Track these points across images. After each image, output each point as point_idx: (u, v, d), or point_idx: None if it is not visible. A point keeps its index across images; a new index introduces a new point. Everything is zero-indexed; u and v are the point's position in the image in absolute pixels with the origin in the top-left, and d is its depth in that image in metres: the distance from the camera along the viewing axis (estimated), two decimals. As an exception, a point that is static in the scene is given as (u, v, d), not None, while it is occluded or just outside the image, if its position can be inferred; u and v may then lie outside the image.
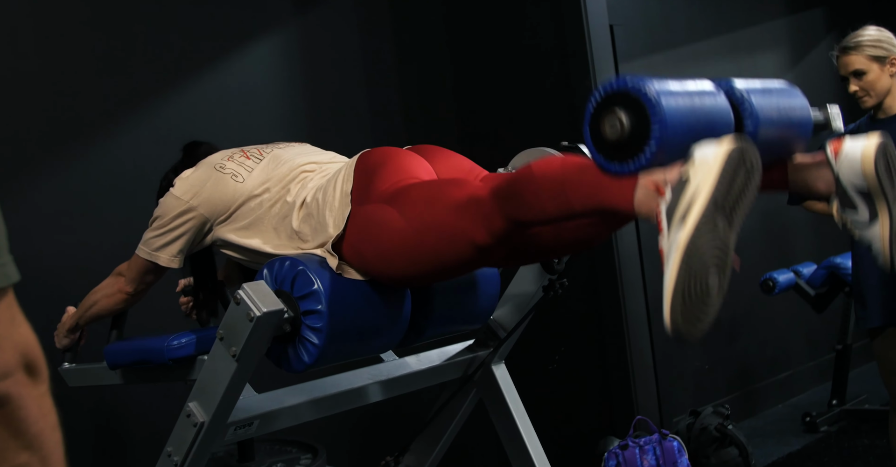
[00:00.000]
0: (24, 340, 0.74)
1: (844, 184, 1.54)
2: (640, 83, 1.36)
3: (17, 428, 0.72)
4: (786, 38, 5.24)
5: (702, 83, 1.48)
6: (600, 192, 1.44)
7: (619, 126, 1.34)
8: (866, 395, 4.48)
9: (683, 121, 1.36)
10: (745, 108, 1.51)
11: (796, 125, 1.60)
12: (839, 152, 1.54)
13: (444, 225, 1.65)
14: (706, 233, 1.29)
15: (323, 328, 1.77)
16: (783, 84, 1.66)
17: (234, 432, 1.96)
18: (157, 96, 2.93)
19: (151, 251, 2.01)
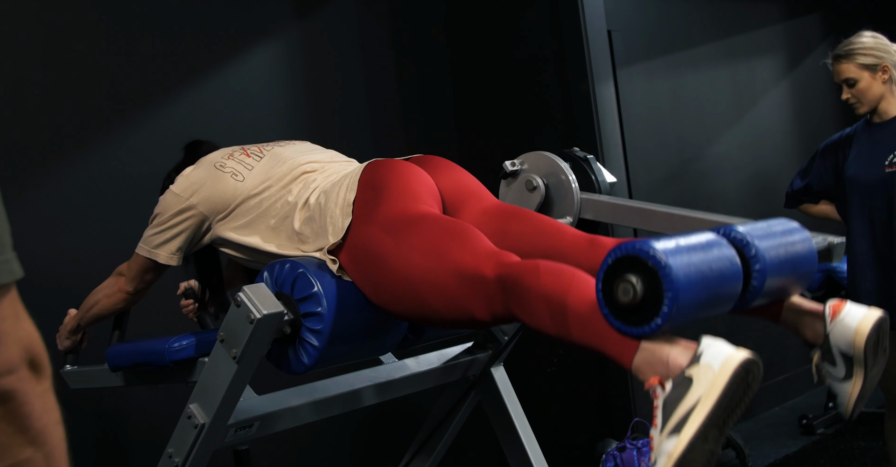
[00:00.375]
0: (28, 336, 0.75)
1: (832, 345, 1.58)
2: (650, 248, 1.36)
3: (22, 424, 0.73)
4: (783, 44, 5.27)
5: (707, 236, 1.47)
6: (602, 339, 1.43)
7: (631, 292, 1.35)
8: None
9: (695, 292, 1.36)
10: (754, 265, 1.52)
11: (800, 271, 1.63)
12: (837, 315, 1.58)
13: (445, 288, 1.64)
14: (698, 447, 1.30)
15: (323, 330, 1.78)
16: (789, 225, 1.67)
17: (235, 433, 1.97)
18: (158, 99, 2.95)
19: (151, 249, 2.03)
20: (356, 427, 3.30)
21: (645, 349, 1.38)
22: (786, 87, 5.25)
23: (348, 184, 1.84)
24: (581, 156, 2.13)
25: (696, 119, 4.59)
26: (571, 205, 2.06)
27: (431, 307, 1.68)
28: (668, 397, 1.34)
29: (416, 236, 1.70)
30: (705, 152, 4.65)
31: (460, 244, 1.66)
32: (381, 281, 1.74)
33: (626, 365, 1.40)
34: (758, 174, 4.95)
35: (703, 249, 1.42)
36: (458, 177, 1.93)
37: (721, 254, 1.45)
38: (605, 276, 1.39)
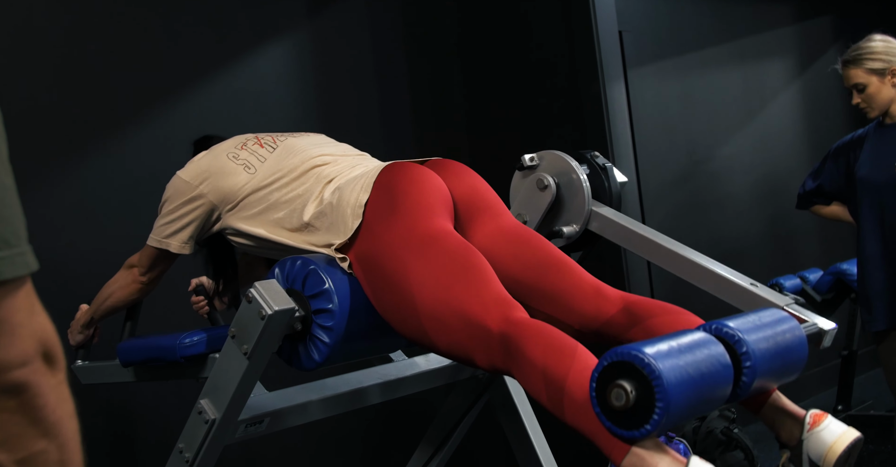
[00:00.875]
0: (42, 328, 0.75)
1: (804, 451, 1.64)
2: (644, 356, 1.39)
3: (36, 416, 0.73)
4: (793, 46, 5.26)
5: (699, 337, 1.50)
6: (594, 432, 1.45)
7: (624, 398, 1.38)
8: (872, 401, 4.49)
9: (686, 397, 1.40)
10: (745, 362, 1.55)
11: (790, 365, 1.66)
12: (816, 426, 1.64)
13: (449, 329, 1.65)
14: None
15: (334, 327, 1.79)
16: (778, 315, 1.70)
17: (245, 429, 1.98)
18: (169, 96, 2.96)
19: (162, 239, 2.03)
20: (365, 425, 3.31)
21: (635, 454, 1.41)
22: (796, 89, 5.25)
23: (363, 185, 1.83)
24: (600, 164, 2.13)
25: (707, 120, 4.59)
26: (580, 213, 2.06)
27: (431, 339, 1.69)
28: None
29: (427, 262, 1.69)
30: (716, 154, 4.64)
31: (470, 284, 1.66)
32: (384, 298, 1.74)
33: (615, 463, 1.43)
34: (768, 176, 4.95)
35: (693, 352, 1.45)
36: (473, 185, 1.92)
37: (712, 354, 1.48)
38: (599, 378, 1.42)
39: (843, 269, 4.15)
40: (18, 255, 0.73)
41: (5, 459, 0.72)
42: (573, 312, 1.79)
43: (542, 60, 3.50)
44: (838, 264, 4.20)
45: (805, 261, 4.87)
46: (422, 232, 1.73)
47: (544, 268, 1.82)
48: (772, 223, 4.86)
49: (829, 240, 5.11)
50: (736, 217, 4.72)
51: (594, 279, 1.83)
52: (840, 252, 4.66)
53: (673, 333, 1.50)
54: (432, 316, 1.66)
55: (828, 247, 5.11)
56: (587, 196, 2.09)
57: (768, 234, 4.85)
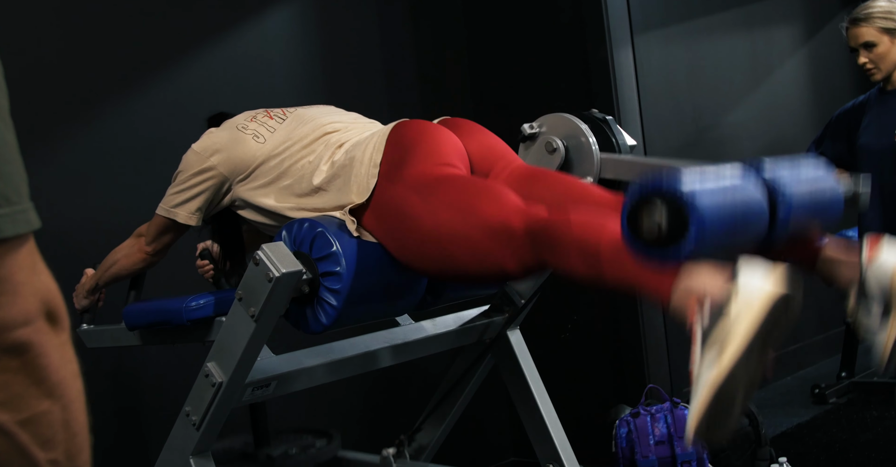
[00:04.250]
0: (46, 288, 0.74)
1: (868, 289, 1.57)
2: (675, 183, 1.37)
3: (39, 376, 0.72)
4: (800, 12, 5.21)
5: (734, 170, 1.48)
6: (637, 277, 1.43)
7: (656, 227, 1.36)
8: (875, 368, 4.49)
9: (720, 220, 1.38)
10: (779, 197, 1.52)
11: (826, 208, 1.63)
12: (873, 259, 1.56)
13: (474, 242, 1.65)
14: (739, 371, 1.30)
15: (341, 290, 1.78)
16: (814, 162, 1.68)
17: (252, 393, 1.98)
18: (173, 62, 2.93)
19: (170, 208, 2.03)
20: (369, 390, 3.31)
21: (683, 279, 1.38)
22: (804, 55, 5.20)
23: (375, 144, 1.83)
24: (600, 118, 2.11)
25: (714, 87, 4.55)
26: (592, 165, 2.05)
27: (459, 262, 1.68)
28: (706, 326, 1.34)
29: (444, 193, 1.70)
30: (722, 120, 4.61)
31: (487, 199, 1.66)
32: (407, 238, 1.74)
33: (662, 302, 1.41)
34: (774, 143, 4.92)
35: (726, 179, 1.43)
36: (486, 141, 1.92)
37: (745, 184, 1.46)
38: (630, 209, 1.40)
39: (847, 237, 4.13)
40: (20, 213, 0.72)
41: (8, 419, 0.71)
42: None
43: (549, 24, 3.46)
44: (843, 231, 4.19)
45: (810, 228, 4.86)
46: (437, 173, 1.75)
47: (564, 194, 1.80)
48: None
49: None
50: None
51: (613, 192, 1.81)
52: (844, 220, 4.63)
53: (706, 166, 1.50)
54: (456, 237, 1.66)
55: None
56: (594, 148, 2.07)
57: (774, 202, 4.83)
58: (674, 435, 2.93)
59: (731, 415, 1.31)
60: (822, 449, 3.52)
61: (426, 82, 3.65)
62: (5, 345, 0.70)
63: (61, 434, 0.75)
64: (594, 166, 2.04)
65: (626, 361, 3.39)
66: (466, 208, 1.66)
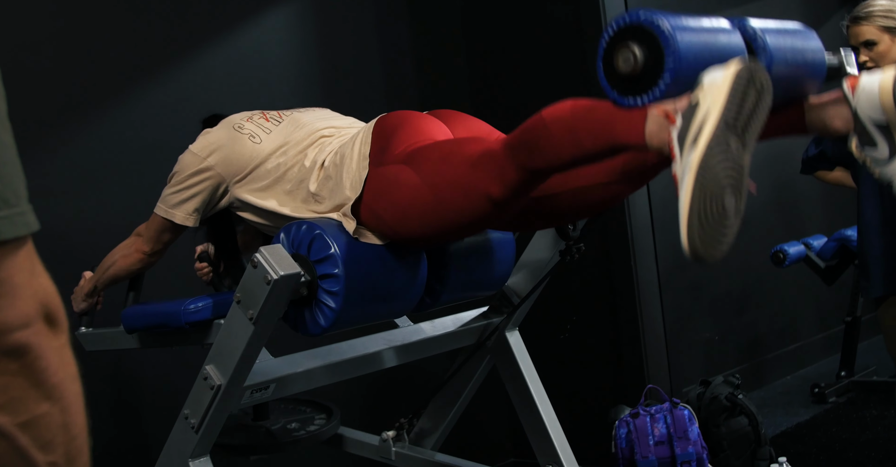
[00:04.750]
0: (44, 290, 0.73)
1: (863, 120, 1.51)
2: (653, 16, 1.36)
3: (38, 379, 0.72)
4: (798, 12, 5.21)
5: (716, 20, 1.46)
6: (611, 128, 1.43)
7: (632, 59, 1.33)
8: (875, 367, 4.50)
9: (697, 55, 1.35)
10: (758, 44, 1.49)
11: (810, 66, 1.58)
12: (856, 87, 1.52)
13: (459, 179, 1.66)
14: (718, 152, 1.28)
15: (339, 292, 1.78)
16: (798, 25, 1.65)
17: (251, 395, 1.98)
18: (171, 64, 2.93)
19: (167, 208, 2.03)
20: (367, 391, 3.31)
21: (652, 115, 1.38)
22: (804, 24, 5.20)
23: (362, 139, 1.85)
24: None
25: (712, 86, 4.54)
26: None
27: (450, 207, 1.68)
28: (681, 127, 1.33)
29: (428, 151, 1.73)
30: (720, 120, 4.60)
31: (468, 142, 1.70)
32: (398, 204, 1.74)
33: (640, 141, 1.40)
34: (772, 142, 4.91)
35: (705, 24, 1.41)
36: (472, 126, 1.93)
37: (725, 32, 1.44)
38: (604, 53, 1.39)
39: (847, 236, 4.13)
40: (18, 215, 0.72)
41: (7, 422, 0.71)
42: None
43: (547, 26, 3.46)
44: (842, 230, 4.19)
45: (809, 227, 4.86)
46: (421, 144, 1.77)
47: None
48: (776, 190, 4.84)
49: (833, 206, 5.09)
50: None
51: None
52: (844, 218, 4.63)
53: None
54: (443, 181, 1.67)
55: (832, 213, 5.09)
56: None
57: (772, 201, 4.83)
58: (673, 435, 2.93)
59: (724, 222, 1.29)
60: (821, 449, 3.52)
61: (424, 83, 3.65)
62: (4, 347, 0.70)
63: (61, 436, 0.74)
64: None
65: (625, 362, 3.38)
66: (449, 155, 1.69)
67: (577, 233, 2.17)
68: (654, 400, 3.10)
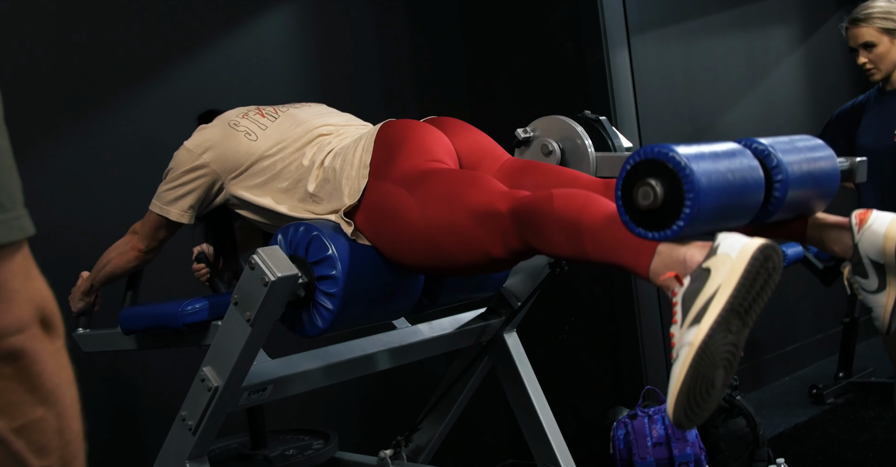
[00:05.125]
0: (40, 294, 0.73)
1: (862, 255, 1.54)
2: (673, 153, 1.34)
3: (33, 383, 0.72)
4: (796, 13, 5.21)
5: (729, 145, 1.46)
6: (618, 251, 1.41)
7: (652, 196, 1.33)
8: (873, 368, 4.50)
9: (717, 195, 1.34)
10: (776, 175, 1.50)
11: (823, 186, 1.60)
12: (864, 223, 1.55)
13: (460, 230, 1.64)
14: (719, 336, 1.27)
15: (337, 293, 1.78)
16: (810, 140, 1.65)
17: (248, 397, 1.97)
18: (169, 64, 2.93)
19: (163, 205, 2.03)
20: (366, 392, 3.31)
21: (661, 252, 1.36)
22: (800, 56, 5.20)
23: (364, 146, 1.84)
24: (593, 118, 2.10)
25: (710, 88, 4.55)
26: (588, 166, 2.04)
27: (447, 252, 1.67)
28: (687, 291, 1.32)
29: (431, 185, 1.70)
30: (718, 121, 4.61)
31: (473, 187, 1.66)
32: (396, 232, 1.73)
33: (642, 271, 1.39)
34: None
35: (725, 156, 1.40)
36: (474, 137, 1.93)
37: (743, 161, 1.43)
38: (624, 182, 1.37)
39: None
40: (14, 219, 0.72)
41: (3, 427, 0.71)
42: None
43: (546, 26, 3.46)
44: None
45: (807, 228, 4.85)
46: (426, 168, 1.74)
47: (553, 184, 1.78)
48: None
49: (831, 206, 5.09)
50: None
51: (603, 179, 1.80)
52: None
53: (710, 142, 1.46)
54: (443, 225, 1.66)
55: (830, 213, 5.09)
56: (590, 149, 2.06)
57: (770, 202, 4.82)
58: (671, 436, 2.93)
59: (711, 397, 1.29)
60: (819, 450, 3.52)
61: (423, 83, 3.65)
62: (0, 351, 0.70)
63: (56, 441, 0.74)
64: (591, 166, 2.03)
65: (623, 363, 3.38)
66: (453, 197, 1.66)
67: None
68: (651, 402, 3.10)
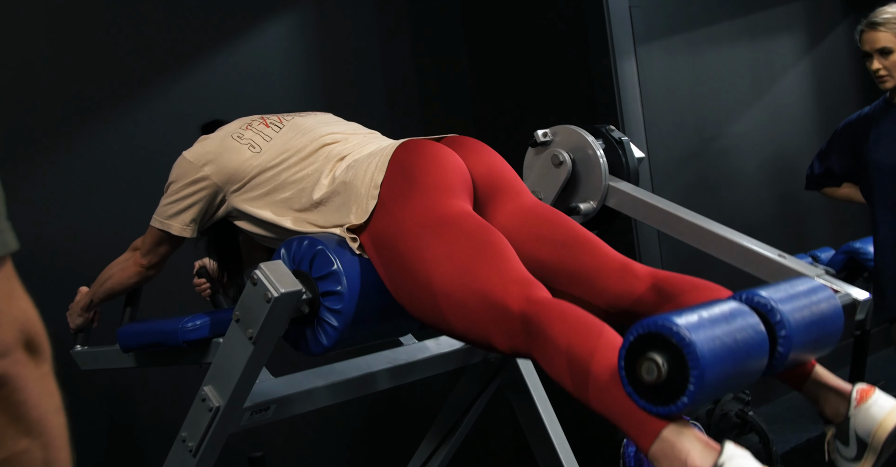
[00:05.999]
0: (24, 315, 0.68)
1: (850, 428, 1.55)
2: (677, 328, 1.31)
3: (16, 413, 0.67)
4: (803, 22, 5.17)
5: (730, 306, 1.42)
6: (622, 418, 1.36)
7: (655, 372, 1.30)
8: (884, 381, 4.43)
9: (721, 366, 1.32)
10: (779, 331, 1.47)
11: (827, 335, 1.57)
12: (863, 401, 1.55)
13: (467, 309, 1.57)
14: None
15: (342, 310, 1.72)
16: (812, 284, 1.61)
17: (251, 417, 1.91)
18: (169, 75, 2.88)
19: (163, 219, 1.97)
20: (372, 412, 3.25)
21: (665, 439, 1.32)
22: (806, 65, 5.16)
23: (378, 164, 1.75)
24: (616, 138, 2.04)
25: (717, 97, 4.51)
26: (598, 188, 1.99)
27: (448, 321, 1.61)
28: None
29: (445, 242, 1.61)
30: (725, 131, 4.57)
31: (488, 263, 1.58)
32: (400, 281, 1.66)
33: (643, 448, 1.35)
34: (778, 154, 4.87)
35: (726, 321, 1.37)
36: (492, 163, 1.84)
37: (745, 324, 1.40)
38: (627, 354, 1.34)
39: (856, 248, 4.06)
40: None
41: None
42: (600, 292, 1.71)
43: (552, 35, 3.41)
44: (851, 243, 4.12)
45: (815, 239, 4.80)
46: (440, 213, 1.65)
47: (568, 246, 1.73)
48: (781, 201, 4.79)
49: (840, 218, 5.04)
50: (746, 195, 4.65)
51: (620, 255, 1.74)
52: (850, 230, 4.57)
53: (702, 303, 1.41)
54: (450, 297, 1.58)
55: (838, 225, 5.04)
56: (604, 171, 2.01)
57: (778, 213, 4.77)
58: (683, 453, 2.87)
59: None
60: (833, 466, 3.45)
61: (427, 93, 3.60)
62: None
63: None
64: (600, 189, 1.98)
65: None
66: (465, 272, 1.58)
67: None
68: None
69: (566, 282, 1.73)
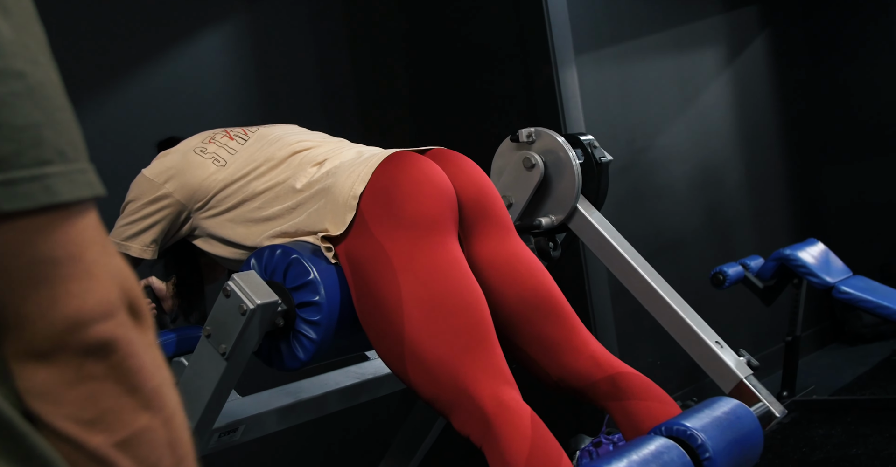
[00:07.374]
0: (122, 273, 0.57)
1: None
2: None
3: (132, 383, 0.56)
4: (723, 35, 5.27)
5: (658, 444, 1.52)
6: None
7: None
8: (814, 386, 4.51)
9: None
10: (704, 457, 1.56)
11: (747, 454, 1.68)
12: None
13: (435, 384, 1.55)
14: None
15: (321, 321, 1.64)
16: (731, 405, 1.72)
17: (219, 439, 1.81)
18: (102, 89, 2.76)
19: (121, 241, 1.84)
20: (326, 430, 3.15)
21: None
22: (727, 78, 5.26)
23: (360, 175, 1.66)
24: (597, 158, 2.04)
25: (646, 109, 4.55)
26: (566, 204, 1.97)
27: (410, 379, 1.58)
28: None
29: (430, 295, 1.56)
30: (654, 143, 4.61)
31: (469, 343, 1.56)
32: (370, 310, 1.61)
33: None
34: (704, 165, 4.94)
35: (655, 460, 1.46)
36: (480, 185, 1.77)
37: (670, 458, 1.49)
38: None
39: (786, 255, 4.13)
40: (79, 172, 0.56)
41: (102, 442, 0.55)
42: (558, 365, 1.73)
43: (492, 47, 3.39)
44: (781, 250, 4.19)
45: (742, 248, 4.88)
46: (427, 257, 1.59)
47: (540, 310, 1.73)
48: (709, 212, 4.85)
49: (765, 227, 5.14)
50: (675, 207, 4.70)
51: (589, 335, 1.76)
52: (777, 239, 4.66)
53: (633, 443, 1.49)
54: (418, 358, 1.55)
55: (764, 234, 5.14)
56: (577, 186, 1.97)
57: (707, 223, 4.83)
58: (640, 462, 2.85)
59: None
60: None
61: (365, 103, 3.54)
62: (85, 344, 0.54)
63: (168, 458, 0.58)
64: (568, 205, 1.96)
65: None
66: (444, 342, 1.54)
67: (559, 252, 2.08)
68: (614, 428, 3.01)
69: (527, 343, 1.74)
